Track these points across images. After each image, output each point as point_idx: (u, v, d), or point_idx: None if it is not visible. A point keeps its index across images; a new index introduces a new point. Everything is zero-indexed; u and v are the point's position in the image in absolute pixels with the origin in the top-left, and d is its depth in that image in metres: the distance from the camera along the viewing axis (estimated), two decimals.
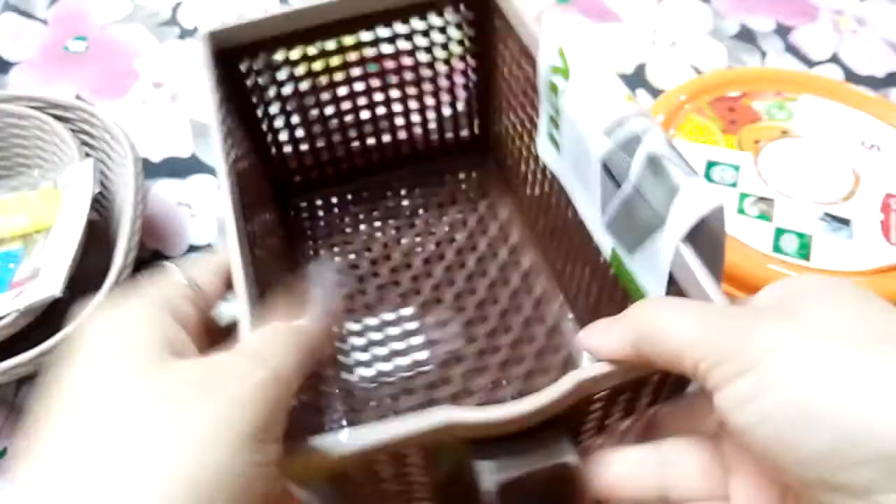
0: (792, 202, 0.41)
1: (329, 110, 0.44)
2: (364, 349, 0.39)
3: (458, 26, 0.41)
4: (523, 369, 0.38)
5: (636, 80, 0.66)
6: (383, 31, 0.41)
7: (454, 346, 0.39)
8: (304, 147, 0.46)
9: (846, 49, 0.71)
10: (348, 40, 0.41)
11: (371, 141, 0.47)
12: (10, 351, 0.38)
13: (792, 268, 0.38)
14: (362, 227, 0.45)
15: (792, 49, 0.70)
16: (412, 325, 0.40)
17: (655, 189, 0.25)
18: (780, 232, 0.40)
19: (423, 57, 0.43)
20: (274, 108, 0.43)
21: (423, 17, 0.40)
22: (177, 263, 0.26)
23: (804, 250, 0.39)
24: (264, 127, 0.43)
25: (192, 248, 0.51)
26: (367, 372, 0.38)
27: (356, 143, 0.46)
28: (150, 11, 0.66)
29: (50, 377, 0.20)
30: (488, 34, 0.41)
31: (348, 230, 0.45)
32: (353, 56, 0.42)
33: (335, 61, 0.42)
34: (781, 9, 0.74)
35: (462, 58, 0.43)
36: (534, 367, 0.38)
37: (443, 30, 0.42)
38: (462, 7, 0.40)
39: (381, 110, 0.45)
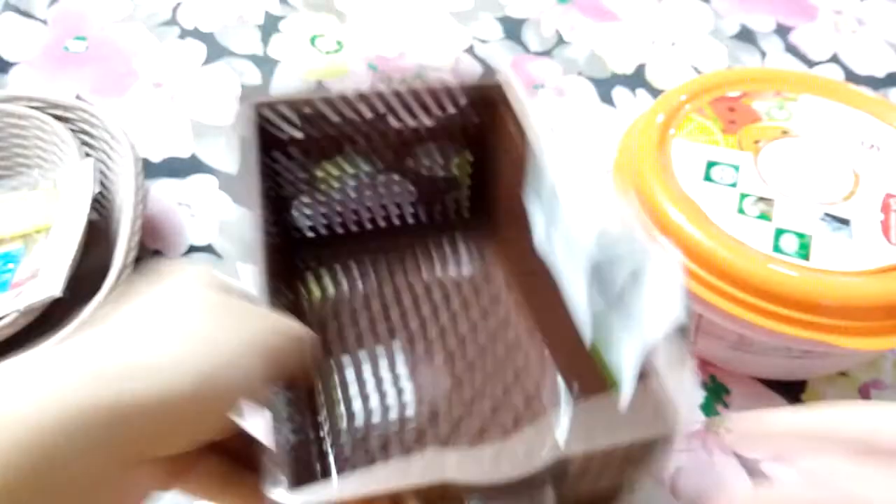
0: (792, 202, 0.41)
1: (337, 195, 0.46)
2: (355, 397, 0.40)
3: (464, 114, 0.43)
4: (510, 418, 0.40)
5: (636, 80, 0.66)
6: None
7: (443, 397, 0.41)
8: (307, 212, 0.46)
9: (846, 49, 0.71)
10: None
11: (376, 211, 0.48)
12: (10, 351, 0.38)
13: (792, 268, 0.38)
14: (360, 286, 0.46)
15: (792, 49, 0.71)
16: (404, 376, 0.41)
17: (634, 300, 0.29)
18: (779, 232, 0.39)
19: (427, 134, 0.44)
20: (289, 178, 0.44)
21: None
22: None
23: (804, 250, 0.39)
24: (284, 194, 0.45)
25: (192, 248, 0.51)
26: (358, 419, 0.39)
27: (358, 214, 0.47)
28: (150, 11, 0.66)
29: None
30: (493, 125, 0.43)
31: (347, 289, 0.46)
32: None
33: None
34: (781, 9, 0.74)
35: (467, 140, 0.45)
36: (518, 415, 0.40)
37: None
38: (471, 108, 0.43)
39: (392, 188, 0.47)
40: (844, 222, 0.40)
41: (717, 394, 0.45)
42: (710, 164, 0.43)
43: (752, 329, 0.38)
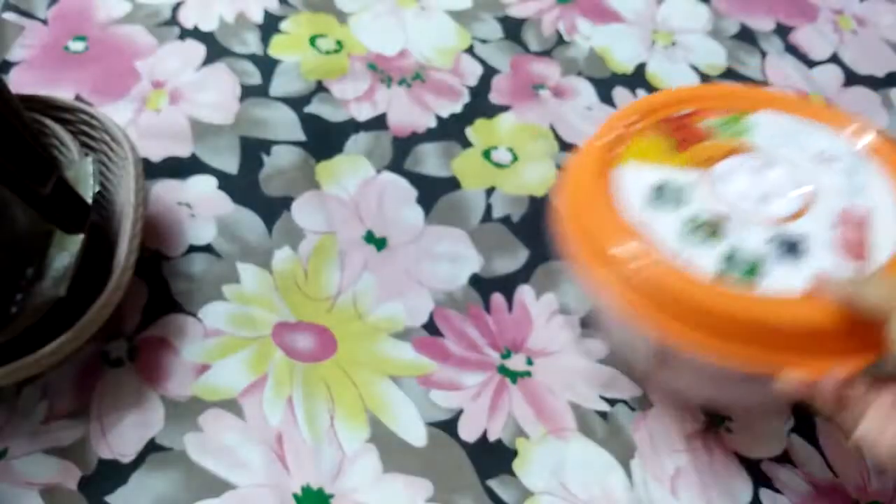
0: (742, 222, 0.39)
1: None
2: None
3: None
4: None
5: (636, 80, 0.66)
6: None
7: None
8: None
9: (846, 49, 0.71)
10: None
11: None
12: (12, 352, 0.38)
13: (738, 293, 0.35)
14: None
15: (792, 49, 0.71)
16: None
17: None
18: (729, 253, 0.37)
19: None
20: None
21: None
22: None
23: (753, 272, 0.36)
24: None
25: (192, 249, 0.51)
26: None
27: None
28: (150, 11, 0.66)
29: None
30: None
31: None
32: None
33: None
34: (781, 9, 0.74)
35: None
36: None
37: None
38: None
39: None
40: (798, 240, 0.38)
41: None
42: (658, 186, 0.40)
43: (701, 356, 0.36)
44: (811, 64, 0.69)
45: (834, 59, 0.70)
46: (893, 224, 0.39)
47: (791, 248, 0.38)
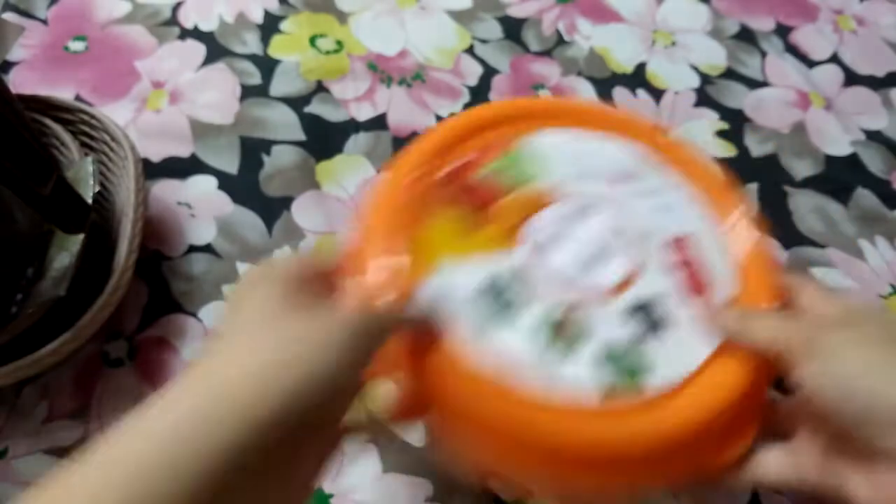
0: (593, 305, 0.33)
1: None
2: None
3: None
4: None
5: (636, 80, 0.66)
6: None
7: None
8: None
9: (846, 49, 0.71)
10: None
11: None
12: (12, 352, 0.38)
13: (618, 409, 0.30)
14: None
15: (792, 49, 0.71)
16: None
17: None
18: (603, 354, 0.32)
19: None
20: None
21: None
22: None
23: (635, 374, 0.31)
24: None
25: (192, 248, 0.51)
26: None
27: None
28: (150, 11, 0.66)
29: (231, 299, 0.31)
30: None
31: None
32: None
33: None
34: (781, 9, 0.74)
35: None
36: None
37: None
38: None
39: None
40: (649, 308, 0.34)
41: None
42: (486, 289, 0.33)
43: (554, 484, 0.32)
44: (811, 64, 0.69)
45: (834, 59, 0.70)
46: (712, 239, 0.37)
47: (651, 322, 0.33)
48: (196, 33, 0.64)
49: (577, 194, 0.37)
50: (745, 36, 0.71)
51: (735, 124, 0.63)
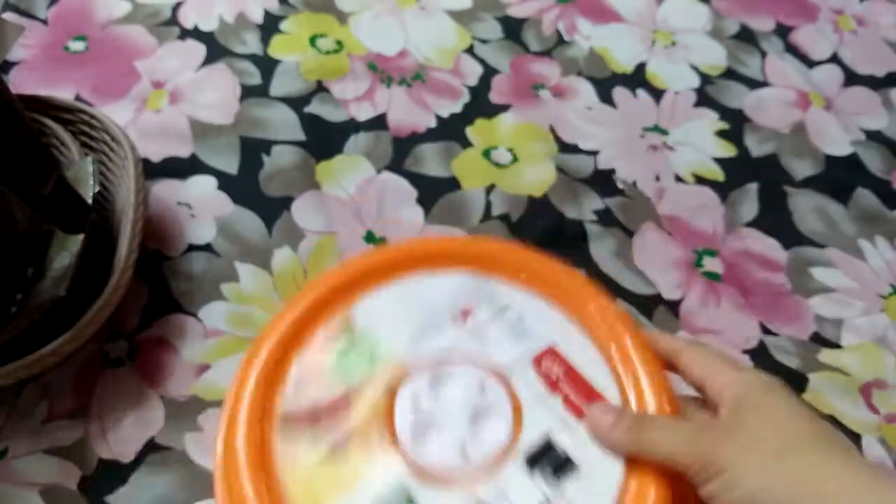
0: (485, 489, 0.30)
1: None
2: None
3: None
4: None
5: (636, 80, 0.66)
6: None
7: None
8: None
9: (846, 49, 0.71)
10: None
11: None
12: (12, 352, 0.38)
13: None
14: None
15: (792, 49, 0.71)
16: None
17: None
18: None
19: None
20: None
21: None
22: None
23: None
24: None
25: (192, 248, 0.51)
26: None
27: None
28: (150, 11, 0.66)
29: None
30: None
31: None
32: None
33: None
34: (781, 9, 0.74)
35: None
36: None
37: None
38: None
39: None
40: (552, 453, 0.31)
41: None
42: None
43: None
44: (811, 64, 0.69)
45: (834, 59, 0.70)
46: (579, 343, 0.34)
47: (556, 466, 0.31)
48: (196, 33, 0.64)
49: (422, 361, 0.34)
50: (745, 36, 0.71)
51: (735, 124, 0.63)
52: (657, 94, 0.65)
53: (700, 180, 0.59)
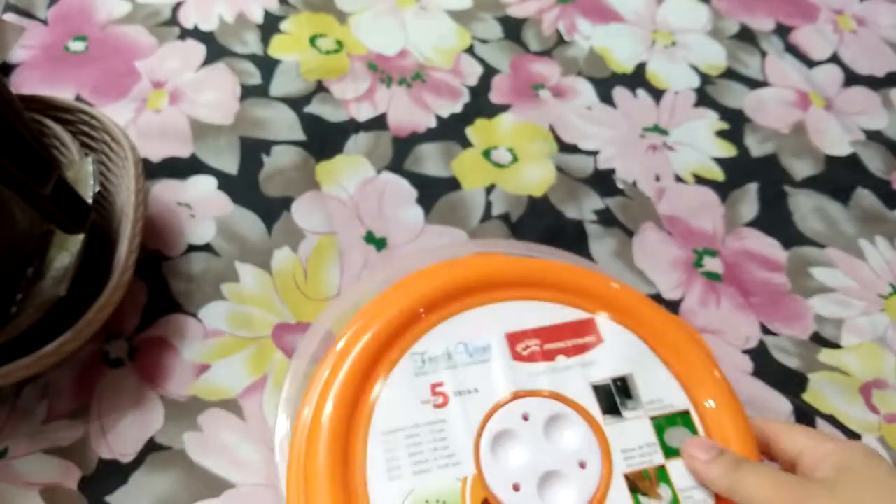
0: None
1: None
2: None
3: None
4: None
5: (636, 80, 0.66)
6: None
7: None
8: None
9: (846, 49, 0.71)
10: None
11: None
12: (12, 352, 0.38)
13: None
14: None
15: (792, 49, 0.71)
16: None
17: None
18: None
19: None
20: None
21: None
22: None
23: None
24: None
25: (192, 248, 0.51)
26: None
27: None
28: (150, 11, 0.66)
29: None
30: None
31: None
32: None
33: None
34: (781, 9, 0.74)
35: None
36: None
37: None
38: None
39: None
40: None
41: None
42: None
43: None
44: (811, 64, 0.69)
45: (834, 59, 0.70)
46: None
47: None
48: (196, 33, 0.64)
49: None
50: (745, 36, 0.71)
51: (735, 124, 0.63)
52: (657, 94, 0.65)
53: (700, 180, 0.59)
